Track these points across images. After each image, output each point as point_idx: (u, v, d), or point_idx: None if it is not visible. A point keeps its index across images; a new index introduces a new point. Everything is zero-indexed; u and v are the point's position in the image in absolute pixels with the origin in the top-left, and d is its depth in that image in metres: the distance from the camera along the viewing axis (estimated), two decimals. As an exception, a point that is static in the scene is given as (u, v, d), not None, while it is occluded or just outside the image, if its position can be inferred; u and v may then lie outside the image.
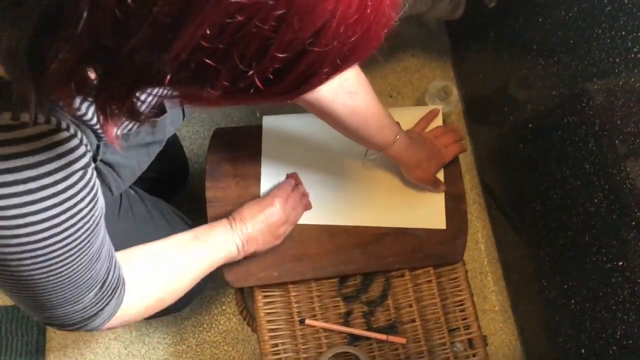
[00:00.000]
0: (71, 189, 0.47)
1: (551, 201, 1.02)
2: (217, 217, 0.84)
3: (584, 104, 0.86)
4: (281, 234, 0.87)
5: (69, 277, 0.53)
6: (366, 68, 1.47)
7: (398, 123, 0.85)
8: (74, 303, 0.57)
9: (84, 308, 0.59)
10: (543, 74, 0.98)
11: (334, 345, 0.94)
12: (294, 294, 0.95)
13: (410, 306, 0.96)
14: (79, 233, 0.50)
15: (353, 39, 0.31)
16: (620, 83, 0.77)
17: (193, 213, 1.02)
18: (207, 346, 1.32)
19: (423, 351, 0.95)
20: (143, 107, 0.50)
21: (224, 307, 1.34)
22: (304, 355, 0.93)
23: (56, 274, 0.51)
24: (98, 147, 0.55)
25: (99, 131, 0.52)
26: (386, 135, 0.83)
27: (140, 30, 0.28)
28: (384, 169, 0.98)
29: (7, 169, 0.42)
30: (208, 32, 0.28)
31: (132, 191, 0.91)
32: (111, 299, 0.61)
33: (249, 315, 0.98)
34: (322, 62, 0.32)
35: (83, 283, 0.56)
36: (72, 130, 0.46)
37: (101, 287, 0.59)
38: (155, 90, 0.38)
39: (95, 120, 0.49)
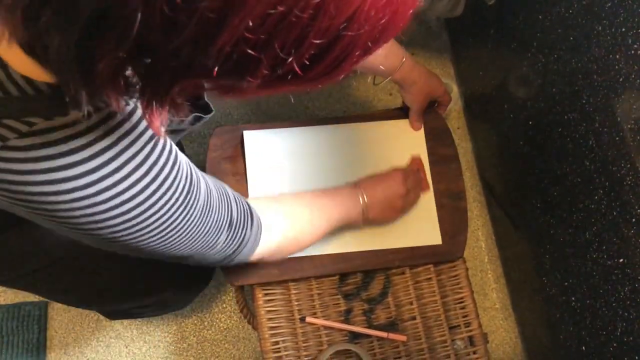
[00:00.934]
0: (150, 157, 0.48)
1: (551, 198, 1.02)
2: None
3: (584, 101, 0.86)
4: (399, 207, 0.90)
5: (188, 235, 0.55)
6: (366, 66, 1.47)
7: (402, 47, 0.89)
8: (210, 248, 0.60)
9: (222, 249, 0.62)
10: (543, 71, 0.98)
11: (335, 342, 0.94)
12: (294, 291, 0.95)
13: (411, 304, 0.97)
14: (176, 195, 0.51)
15: (383, 21, 0.33)
16: (621, 80, 0.77)
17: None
18: (208, 344, 1.32)
19: (423, 349, 0.95)
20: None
21: (224, 305, 1.34)
22: (305, 353, 0.93)
23: (173, 236, 0.53)
24: None
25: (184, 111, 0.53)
26: (392, 61, 0.89)
27: (187, 27, 0.29)
28: None
29: (85, 159, 0.44)
30: (251, 24, 0.29)
31: None
32: (245, 232, 0.64)
33: (249, 313, 0.98)
34: (354, 46, 0.33)
35: (206, 233, 0.58)
36: (131, 107, 0.47)
37: (229, 227, 0.61)
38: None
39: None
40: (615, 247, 0.84)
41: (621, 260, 0.83)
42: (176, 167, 0.51)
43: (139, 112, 0.48)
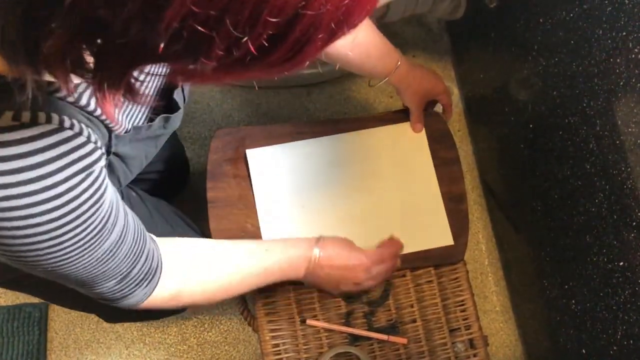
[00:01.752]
0: (73, 190, 0.46)
1: (552, 201, 1.02)
2: (219, 218, 0.84)
3: (584, 105, 0.86)
4: (344, 290, 0.85)
5: (81, 267, 0.53)
6: (367, 68, 1.47)
7: (398, 50, 0.89)
8: (95, 286, 0.58)
9: (107, 292, 0.60)
10: (544, 74, 0.98)
11: (335, 345, 0.94)
12: (294, 293, 0.96)
13: (412, 306, 0.97)
14: (83, 234, 0.50)
15: (346, 1, 0.31)
16: (621, 83, 0.77)
17: (194, 214, 1.02)
18: (208, 346, 1.32)
19: (424, 351, 0.95)
20: (143, 88, 0.50)
21: (224, 307, 1.34)
22: (305, 356, 0.93)
23: (66, 265, 0.51)
24: (110, 139, 0.55)
25: (109, 123, 0.52)
26: (388, 64, 0.88)
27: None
28: (379, 195, 0.97)
29: (10, 170, 0.42)
30: None
31: (133, 193, 0.91)
32: (135, 289, 0.62)
33: (250, 315, 0.98)
34: (316, 27, 0.32)
35: (98, 274, 0.56)
36: (76, 129, 0.46)
37: (121, 280, 0.59)
38: (153, 68, 0.38)
39: (99, 111, 0.49)
40: (615, 250, 0.84)
41: (621, 263, 0.83)
42: (98, 204, 0.50)
43: (83, 137, 0.46)
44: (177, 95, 0.69)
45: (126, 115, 0.58)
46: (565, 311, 1.02)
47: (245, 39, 0.31)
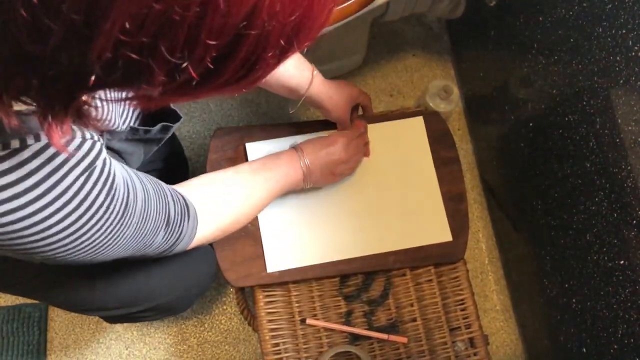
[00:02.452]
0: (81, 191, 0.47)
1: (552, 200, 1.02)
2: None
3: (584, 103, 0.86)
4: (338, 172, 0.91)
5: (123, 243, 0.55)
6: (366, 67, 1.47)
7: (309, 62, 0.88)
8: (147, 247, 0.60)
9: (160, 245, 0.62)
10: (544, 73, 0.98)
11: (335, 344, 0.94)
12: (295, 293, 0.95)
13: (412, 305, 0.96)
14: (111, 218, 0.51)
15: (293, 17, 0.30)
16: (621, 81, 0.77)
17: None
18: (208, 346, 1.32)
19: (424, 350, 0.95)
20: (101, 113, 0.50)
21: (225, 307, 1.34)
22: (305, 355, 0.93)
23: (107, 247, 0.53)
24: (102, 133, 0.56)
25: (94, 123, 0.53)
26: (305, 73, 0.86)
27: (54, 31, 0.27)
28: (379, 191, 0.97)
29: (13, 196, 0.43)
30: (127, 25, 0.27)
31: None
32: (182, 228, 0.64)
33: (250, 315, 0.98)
34: (264, 46, 0.31)
35: (143, 237, 0.58)
36: (71, 137, 0.46)
37: (167, 226, 0.61)
38: (105, 94, 0.37)
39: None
40: (615, 249, 0.84)
41: (622, 262, 0.83)
42: (111, 194, 0.51)
43: (79, 139, 0.46)
44: (176, 104, 0.70)
45: (119, 114, 0.59)
46: (566, 310, 1.02)
47: (185, 64, 0.29)
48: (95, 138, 0.49)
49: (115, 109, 0.58)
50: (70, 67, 0.29)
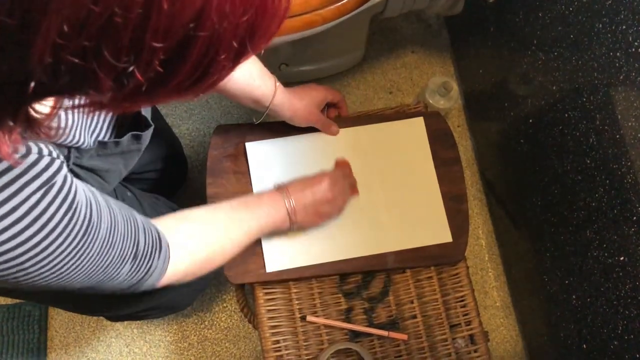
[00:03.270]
0: (36, 208, 0.45)
1: (552, 196, 1.02)
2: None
3: (584, 99, 0.86)
4: (324, 213, 0.88)
5: (84, 271, 0.52)
6: (366, 64, 1.47)
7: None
8: (111, 279, 0.57)
9: (126, 279, 0.59)
10: (543, 69, 0.98)
11: (336, 341, 0.94)
12: (295, 290, 0.95)
13: (412, 302, 0.96)
14: (67, 243, 0.48)
15: (246, 17, 0.29)
16: (621, 77, 0.77)
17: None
18: (209, 343, 1.32)
19: (424, 347, 0.95)
20: (56, 121, 0.48)
21: (225, 305, 1.34)
22: (305, 352, 0.93)
23: (70, 275, 0.51)
24: (69, 152, 0.54)
25: (62, 139, 0.51)
26: (269, 83, 0.84)
27: None
28: (378, 191, 0.97)
29: None
30: (66, 29, 0.26)
31: (128, 192, 0.90)
32: (151, 262, 0.61)
33: (250, 312, 0.98)
34: (216, 48, 0.30)
35: (106, 267, 0.55)
36: (22, 150, 0.44)
37: (134, 259, 0.58)
38: (58, 103, 0.35)
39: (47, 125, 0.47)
40: (615, 245, 0.84)
41: (622, 258, 0.83)
42: (71, 212, 0.48)
43: (34, 155, 0.45)
44: (147, 111, 0.67)
45: (88, 131, 0.57)
46: (566, 306, 1.02)
47: (131, 68, 0.28)
48: (54, 155, 0.48)
49: (80, 125, 0.56)
50: (11, 74, 0.28)
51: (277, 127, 0.99)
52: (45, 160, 0.46)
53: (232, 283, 0.93)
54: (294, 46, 1.24)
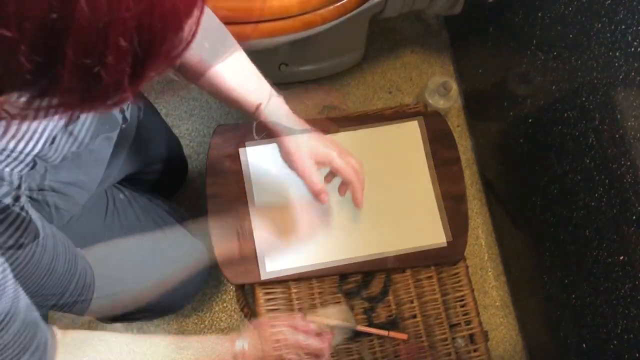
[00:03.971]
0: None
1: (551, 196, 1.02)
2: (218, 213, 0.84)
3: (584, 99, 0.86)
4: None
5: None
6: (365, 64, 1.47)
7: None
8: None
9: None
10: (543, 69, 0.98)
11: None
12: (295, 290, 0.96)
13: (412, 302, 0.97)
14: None
15: (133, 12, 0.25)
16: (620, 77, 0.77)
17: (194, 210, 1.02)
18: (209, 343, 1.32)
19: (424, 347, 0.95)
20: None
21: (225, 304, 1.34)
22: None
23: None
24: (46, 170, 0.53)
25: (40, 154, 0.49)
26: (264, 86, 0.78)
27: None
28: (374, 193, 0.97)
29: None
30: None
31: (121, 195, 0.89)
32: None
33: (250, 312, 0.98)
34: (100, 48, 0.26)
35: None
36: None
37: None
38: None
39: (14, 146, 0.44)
40: (615, 244, 0.84)
41: (621, 257, 0.83)
42: None
43: None
44: (125, 111, 0.66)
45: (63, 144, 0.54)
46: (566, 306, 1.02)
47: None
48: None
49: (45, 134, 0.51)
50: None
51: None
52: None
53: (232, 283, 0.93)
54: (293, 46, 1.25)
